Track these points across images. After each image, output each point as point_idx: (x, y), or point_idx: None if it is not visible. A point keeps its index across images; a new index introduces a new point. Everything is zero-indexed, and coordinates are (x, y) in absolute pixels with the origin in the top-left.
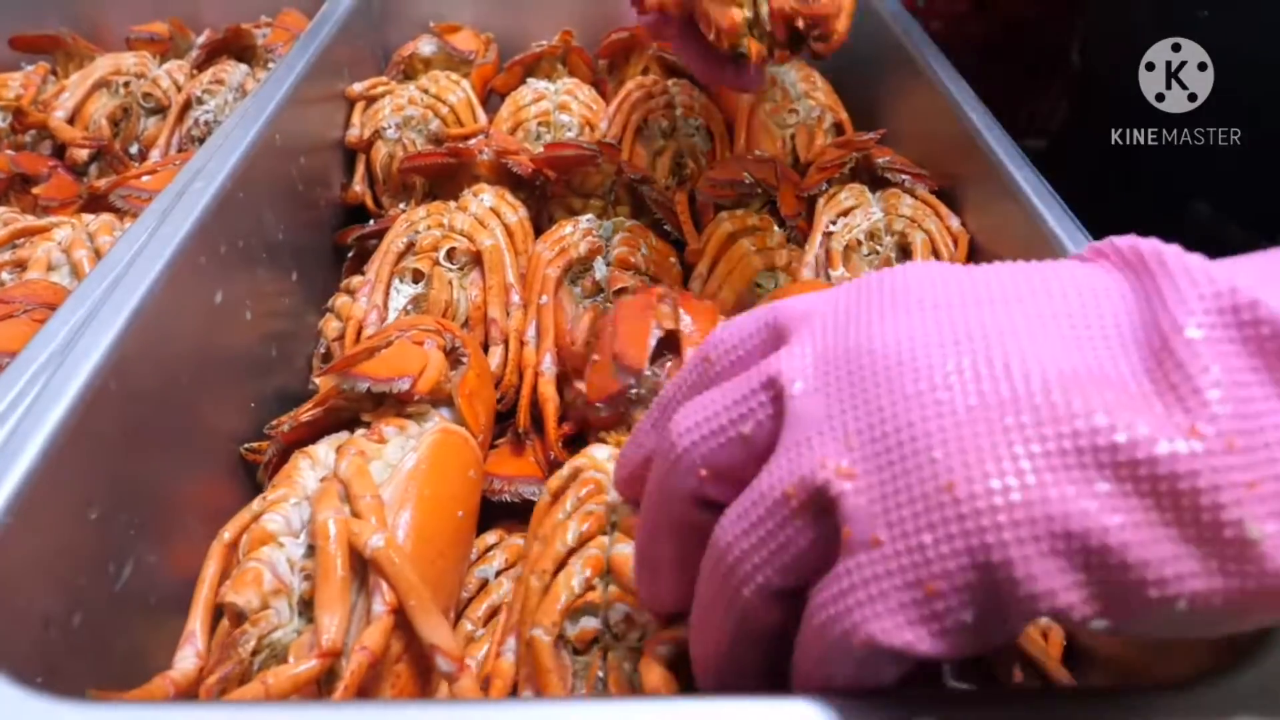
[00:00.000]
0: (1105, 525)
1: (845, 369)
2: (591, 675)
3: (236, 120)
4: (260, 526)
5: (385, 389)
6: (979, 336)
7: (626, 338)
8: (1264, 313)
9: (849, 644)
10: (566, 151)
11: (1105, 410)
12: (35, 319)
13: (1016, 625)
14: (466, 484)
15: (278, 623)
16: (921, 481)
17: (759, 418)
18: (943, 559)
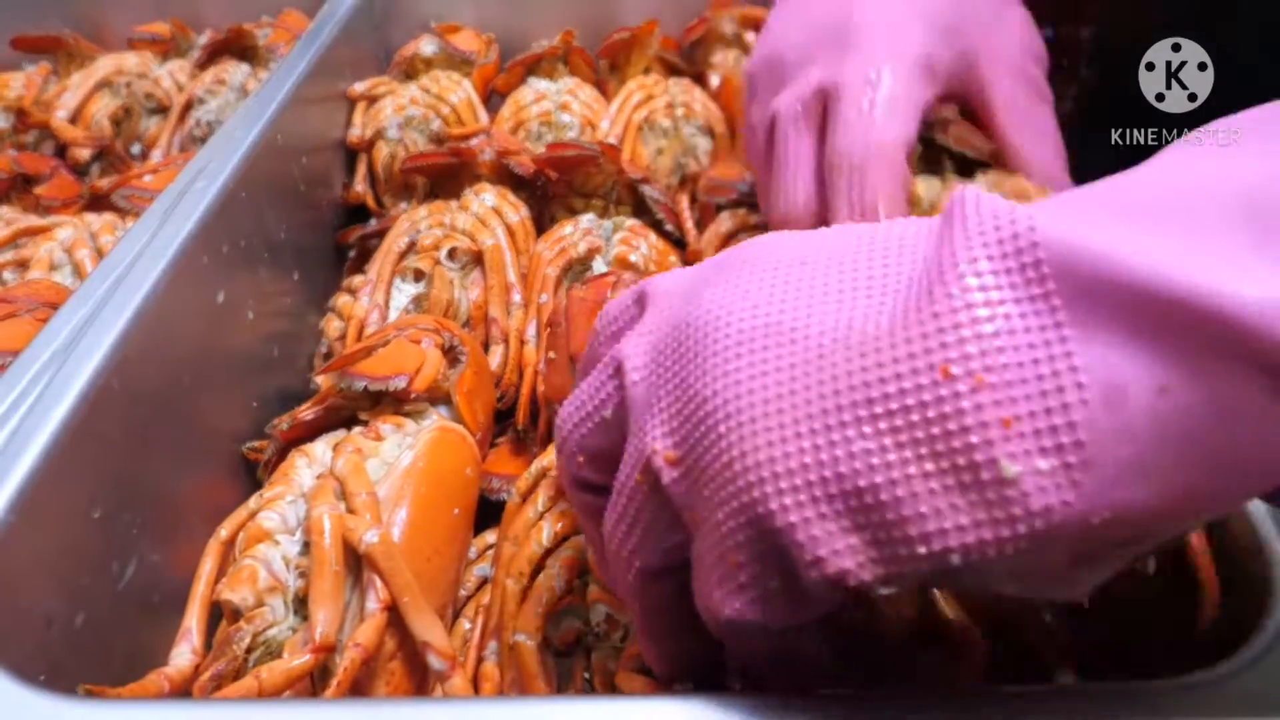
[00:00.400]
0: (876, 481)
1: (672, 344)
2: (577, 677)
3: (239, 120)
4: (256, 524)
5: (382, 387)
6: (777, 300)
7: (583, 336)
8: (1042, 252)
9: (715, 622)
10: (568, 152)
11: (876, 365)
12: (38, 318)
13: (819, 591)
14: (463, 482)
15: (273, 620)
16: (714, 457)
17: (613, 402)
18: (733, 532)
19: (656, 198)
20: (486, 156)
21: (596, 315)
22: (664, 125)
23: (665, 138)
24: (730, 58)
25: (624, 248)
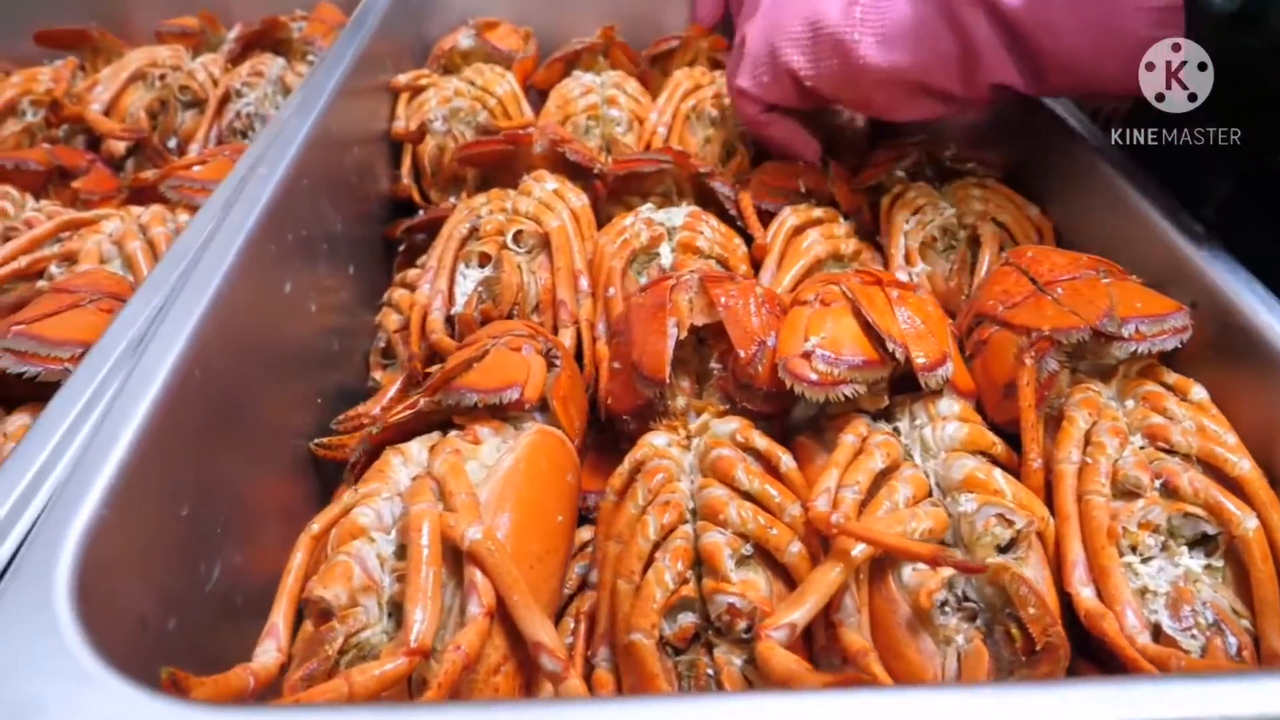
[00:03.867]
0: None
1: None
2: (699, 673)
3: (291, 110)
4: (351, 520)
5: (496, 400)
6: None
7: (643, 344)
8: None
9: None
10: (644, 168)
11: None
12: (101, 309)
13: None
14: (565, 488)
15: (366, 621)
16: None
17: None
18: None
19: (727, 194)
20: (541, 145)
21: (656, 320)
22: (712, 114)
23: (713, 126)
24: None
25: (688, 233)
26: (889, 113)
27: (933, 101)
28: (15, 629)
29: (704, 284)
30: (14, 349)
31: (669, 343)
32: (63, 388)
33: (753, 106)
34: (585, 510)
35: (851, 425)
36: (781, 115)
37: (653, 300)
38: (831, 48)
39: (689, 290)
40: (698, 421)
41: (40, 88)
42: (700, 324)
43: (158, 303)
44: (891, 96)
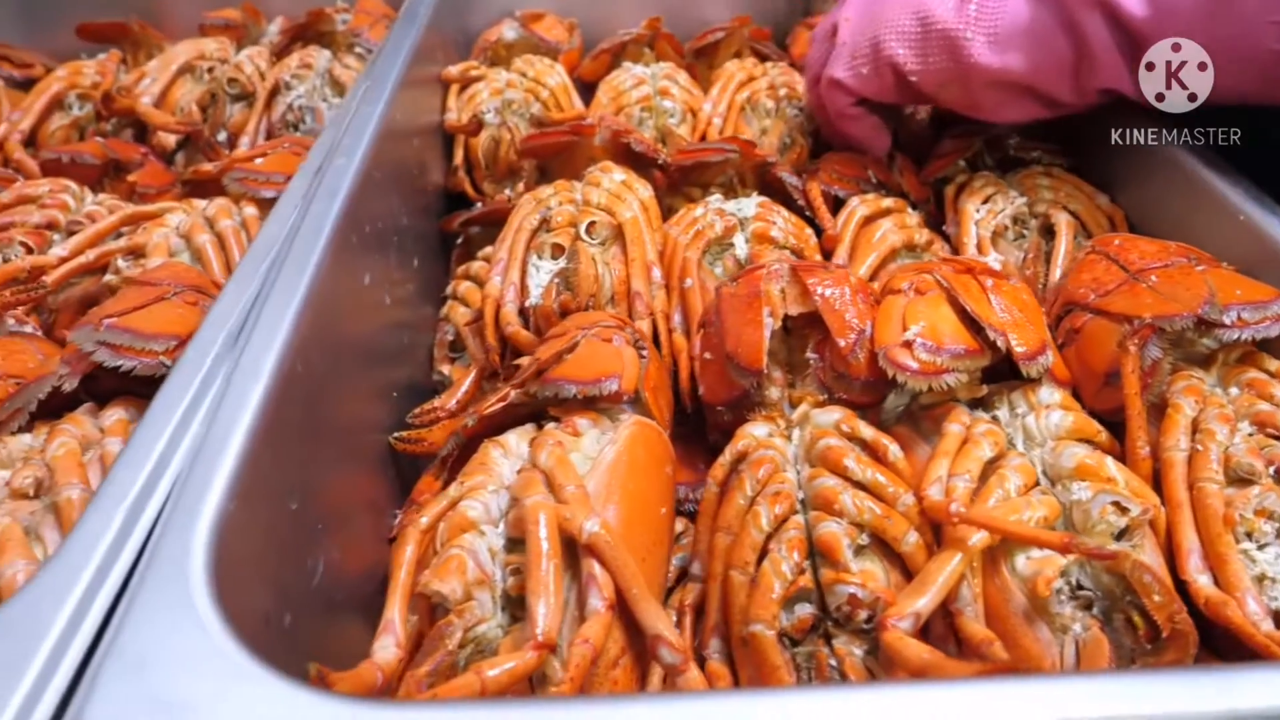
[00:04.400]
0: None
1: None
2: (820, 664)
3: (358, 101)
4: (460, 513)
5: (595, 392)
6: None
7: (737, 335)
8: None
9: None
10: (711, 157)
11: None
12: (187, 301)
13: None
14: (665, 480)
15: (481, 615)
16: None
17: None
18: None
19: (795, 184)
20: (603, 137)
21: (751, 310)
22: (767, 105)
23: (770, 117)
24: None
25: (761, 223)
26: (992, 113)
27: (1037, 104)
28: (158, 625)
29: (797, 273)
30: (109, 342)
31: (765, 333)
32: (167, 382)
33: (844, 99)
34: (676, 502)
35: (954, 414)
36: (869, 110)
37: (746, 290)
38: (942, 45)
39: (781, 280)
40: (797, 411)
41: (86, 81)
42: (794, 314)
43: (250, 295)
44: (998, 97)
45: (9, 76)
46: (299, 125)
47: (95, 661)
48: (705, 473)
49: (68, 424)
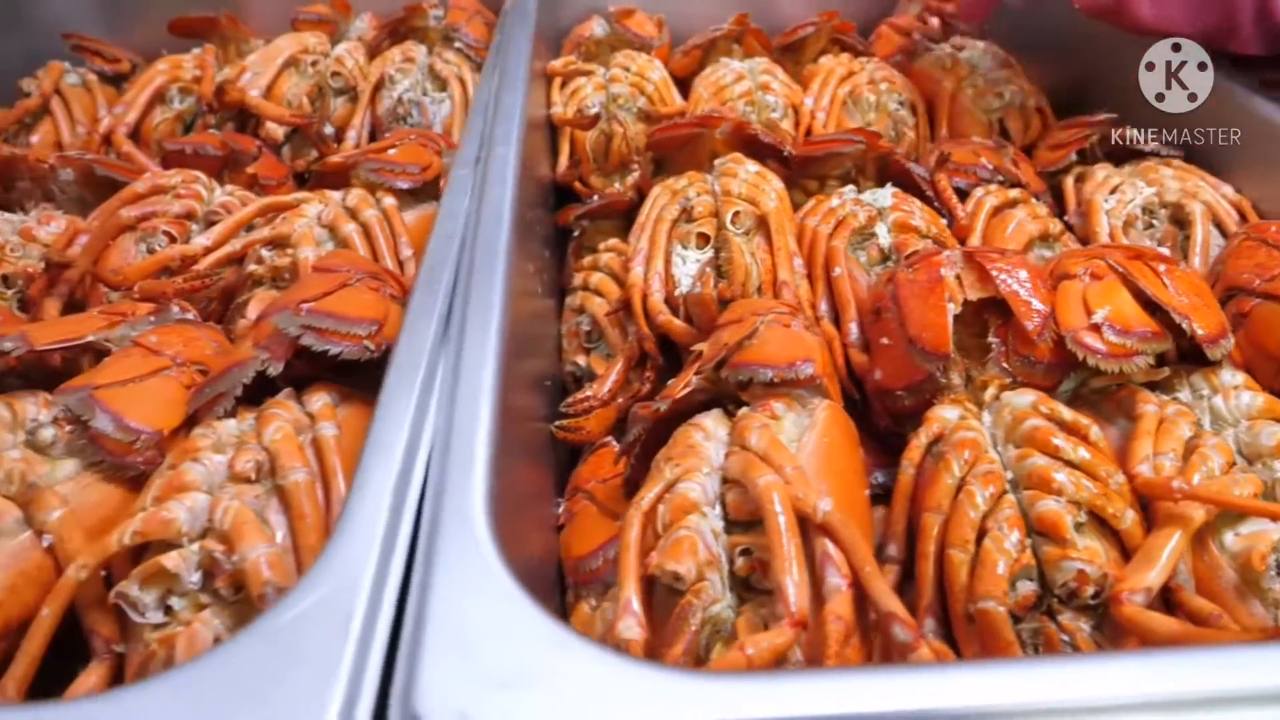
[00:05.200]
0: None
1: None
2: (1051, 640)
3: (493, 92)
4: (681, 495)
5: (791, 375)
6: None
7: (920, 320)
8: None
9: None
10: (841, 148)
11: None
12: (370, 287)
13: None
14: (861, 461)
15: (715, 596)
16: None
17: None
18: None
19: (922, 174)
20: (724, 129)
21: (933, 295)
22: (869, 99)
23: (872, 111)
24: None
25: (901, 213)
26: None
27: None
28: (464, 600)
29: (974, 259)
30: (314, 326)
31: (950, 317)
32: (394, 368)
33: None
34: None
35: (1141, 396)
36: None
37: (925, 276)
38: None
39: (956, 266)
40: (987, 394)
41: (187, 75)
42: (973, 299)
43: (447, 281)
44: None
45: (100, 71)
46: (407, 119)
47: (406, 641)
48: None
49: (277, 409)
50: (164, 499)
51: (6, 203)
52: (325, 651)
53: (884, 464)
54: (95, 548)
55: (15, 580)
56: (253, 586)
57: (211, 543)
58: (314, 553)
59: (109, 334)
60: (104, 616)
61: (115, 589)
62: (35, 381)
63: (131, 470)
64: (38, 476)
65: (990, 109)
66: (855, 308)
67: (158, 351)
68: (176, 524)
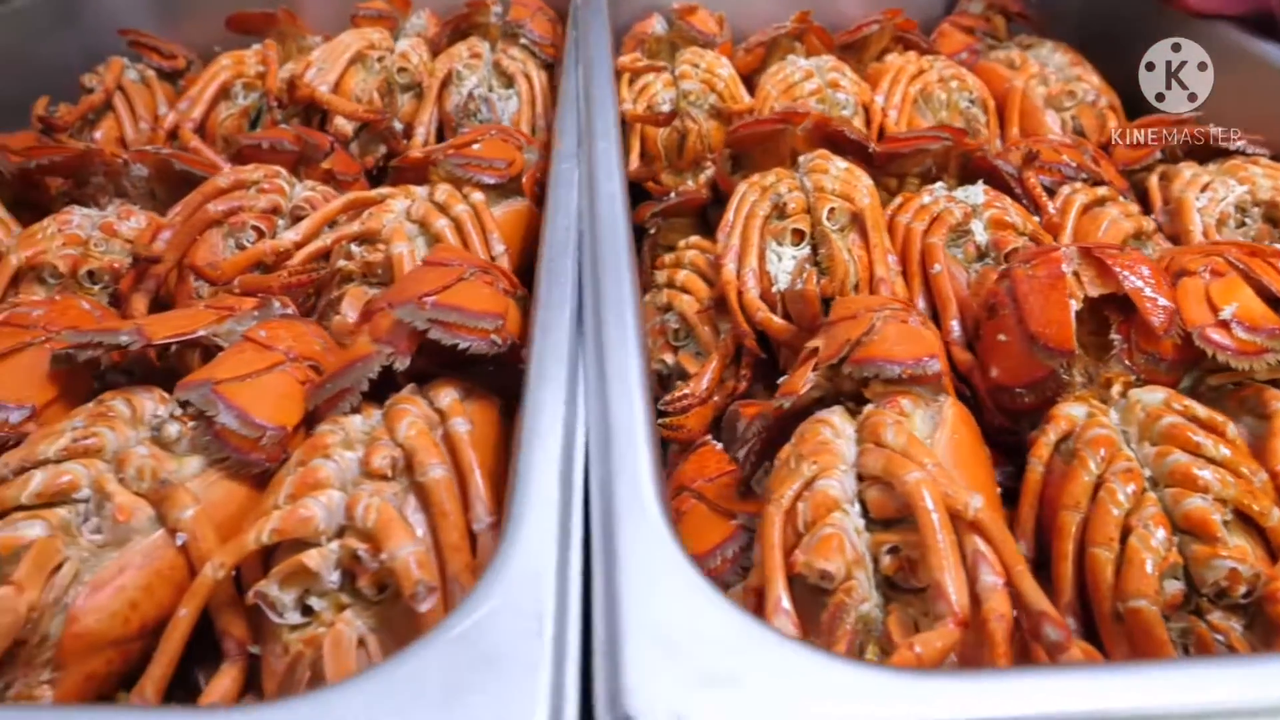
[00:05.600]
0: None
1: None
2: (1203, 640)
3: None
4: (822, 492)
5: (920, 371)
6: None
7: (1043, 316)
8: None
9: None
10: (929, 144)
11: None
12: (485, 281)
13: None
14: (989, 459)
15: (864, 595)
16: None
17: None
18: None
19: (1010, 171)
20: (806, 125)
21: (1055, 291)
22: (940, 97)
23: (944, 109)
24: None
25: (995, 210)
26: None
27: None
28: (658, 599)
29: (1092, 255)
30: (442, 320)
31: (1073, 313)
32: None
33: None
34: None
35: (1272, 393)
36: None
37: (1046, 272)
38: None
39: (1073, 262)
40: (1114, 390)
41: (250, 70)
42: (1094, 294)
43: (572, 274)
44: None
45: (158, 68)
46: (475, 115)
47: (600, 639)
48: None
49: (406, 404)
50: (298, 496)
51: (79, 198)
52: (522, 652)
53: (995, 462)
54: (231, 546)
55: (150, 580)
56: (404, 586)
57: (353, 541)
58: (457, 551)
59: (217, 329)
60: (236, 617)
61: (254, 588)
62: (137, 378)
63: (256, 467)
64: (168, 473)
65: (1063, 107)
66: (956, 305)
67: (270, 346)
68: (314, 522)
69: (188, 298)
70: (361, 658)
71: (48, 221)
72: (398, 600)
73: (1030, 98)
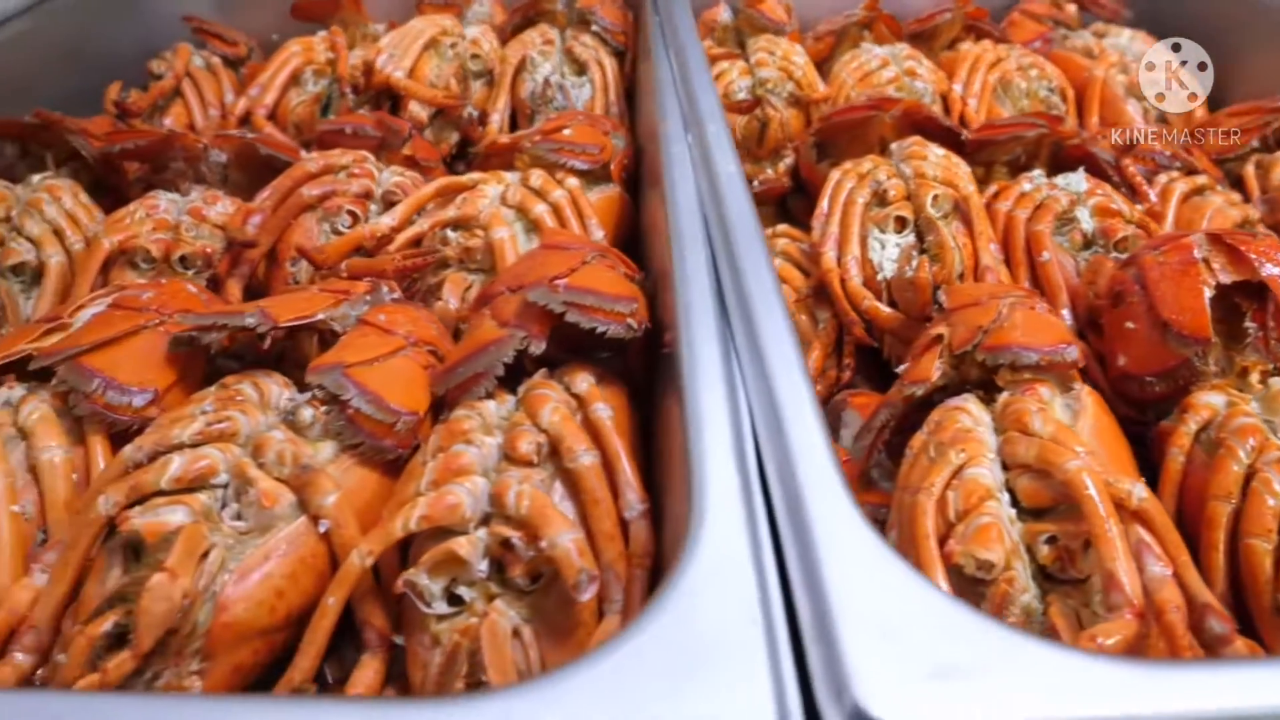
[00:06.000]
0: None
1: None
2: None
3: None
4: (973, 480)
5: (1058, 359)
6: None
7: (1176, 303)
8: None
9: None
10: (1025, 132)
11: None
12: (607, 265)
13: None
14: (1129, 447)
15: (1024, 585)
16: None
17: None
18: None
19: (1109, 159)
20: (895, 113)
21: (1188, 278)
22: (1020, 86)
23: (1024, 98)
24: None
25: (1099, 197)
26: None
27: None
28: (873, 580)
29: (1223, 242)
30: (578, 303)
31: (1207, 300)
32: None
33: None
34: None
35: None
36: None
37: (1178, 259)
38: None
39: (1203, 249)
40: (1251, 378)
41: (320, 57)
42: (1226, 281)
43: (706, 255)
44: None
45: (223, 55)
46: (551, 102)
47: (809, 627)
48: None
49: (545, 390)
50: (442, 482)
51: (156, 183)
52: (736, 639)
53: None
54: (377, 534)
55: (295, 568)
56: (567, 574)
57: (504, 528)
58: (611, 540)
59: (333, 312)
60: (377, 607)
61: (404, 576)
62: (248, 363)
63: (389, 454)
64: (309, 459)
65: (1144, 96)
66: (1067, 293)
67: (390, 331)
68: (462, 509)
69: (283, 282)
70: (516, 649)
71: (134, 206)
72: (550, 590)
73: (1111, 86)
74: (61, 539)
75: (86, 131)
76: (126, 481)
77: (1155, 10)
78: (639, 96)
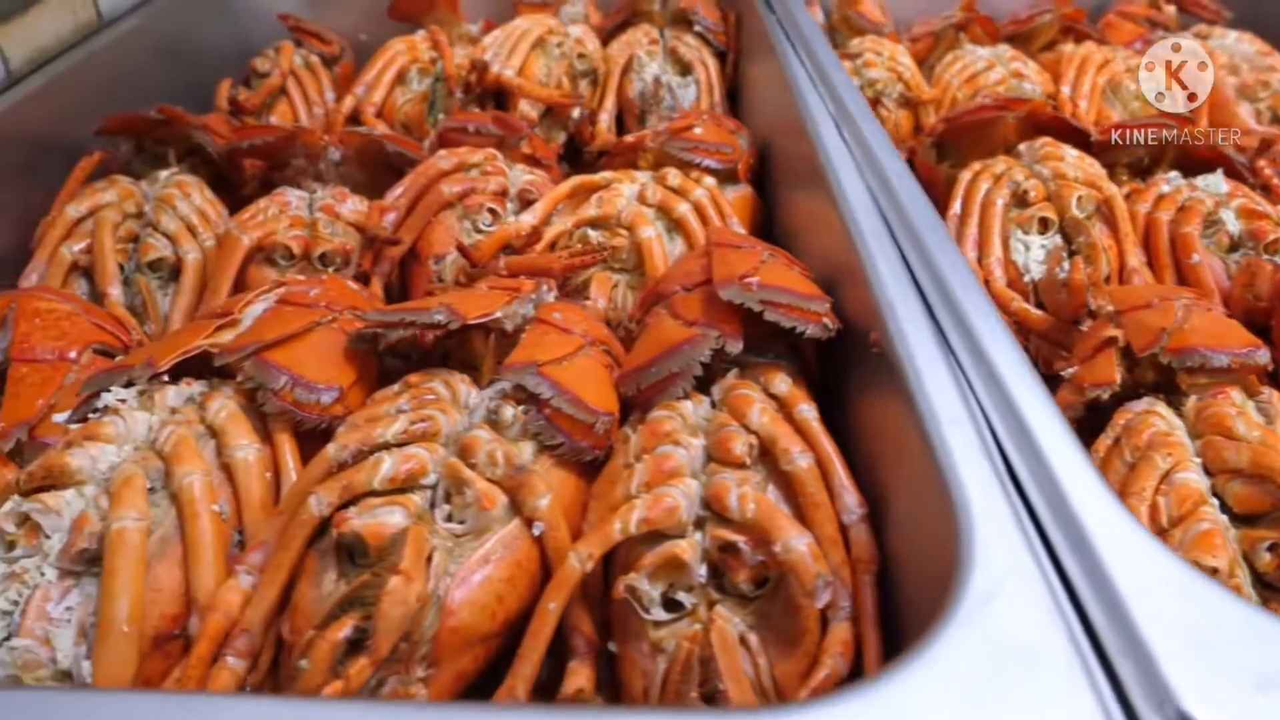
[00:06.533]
0: None
1: None
2: None
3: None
4: (1184, 484)
5: (1249, 361)
6: None
7: None
8: None
9: None
10: (1164, 132)
11: None
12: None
13: None
14: None
15: (1247, 594)
16: None
17: None
18: None
19: (1242, 161)
20: (1022, 113)
21: None
22: (1129, 88)
23: (1135, 100)
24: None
25: (1242, 199)
26: None
27: None
28: (1161, 584)
29: None
30: (775, 301)
31: None
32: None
33: None
34: None
35: None
36: None
37: None
38: None
39: None
40: None
41: (424, 56)
42: None
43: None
44: None
45: (321, 54)
46: (660, 102)
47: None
48: None
49: (747, 390)
50: (654, 485)
51: (275, 181)
52: (1043, 646)
53: None
54: (596, 538)
55: (511, 572)
56: (803, 580)
57: (726, 532)
58: (835, 545)
59: (508, 310)
60: (584, 612)
61: (623, 581)
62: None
63: (586, 455)
64: (521, 460)
65: (1257, 98)
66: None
67: (568, 330)
68: (680, 512)
69: (427, 280)
70: (744, 657)
71: (265, 203)
72: (776, 596)
73: (1221, 89)
74: (265, 540)
75: (209, 128)
76: (338, 481)
77: (1258, 12)
78: (746, 96)
